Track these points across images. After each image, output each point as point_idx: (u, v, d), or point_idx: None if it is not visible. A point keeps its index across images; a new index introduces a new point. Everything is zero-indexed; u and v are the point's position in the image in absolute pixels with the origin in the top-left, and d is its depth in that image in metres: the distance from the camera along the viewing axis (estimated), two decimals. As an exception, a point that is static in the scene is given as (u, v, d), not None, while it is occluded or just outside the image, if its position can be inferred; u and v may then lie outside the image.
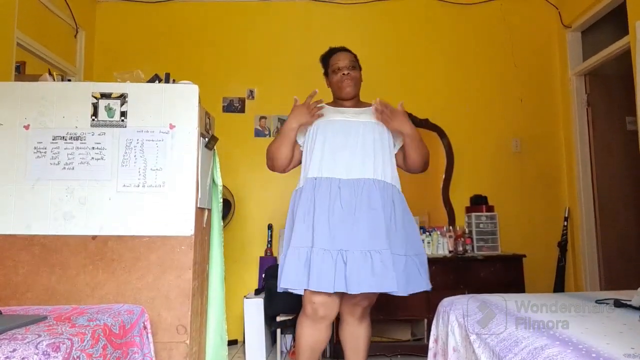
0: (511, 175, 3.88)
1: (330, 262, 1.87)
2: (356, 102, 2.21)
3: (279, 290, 1.99)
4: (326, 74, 2.24)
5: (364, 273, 1.86)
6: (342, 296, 2.00)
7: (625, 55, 3.15)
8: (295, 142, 2.14)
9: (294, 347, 2.13)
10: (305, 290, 1.92)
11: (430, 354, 1.95)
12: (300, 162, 2.18)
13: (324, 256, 1.87)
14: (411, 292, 1.95)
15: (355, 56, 2.22)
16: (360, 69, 2.21)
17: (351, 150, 2.02)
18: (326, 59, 2.23)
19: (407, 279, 1.94)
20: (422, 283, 1.99)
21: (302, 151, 2.16)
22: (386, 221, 1.96)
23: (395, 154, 2.17)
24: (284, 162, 2.13)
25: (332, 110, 2.16)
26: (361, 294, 1.90)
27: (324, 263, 1.86)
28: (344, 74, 2.14)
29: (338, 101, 2.21)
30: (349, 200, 1.95)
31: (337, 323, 2.25)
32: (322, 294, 1.92)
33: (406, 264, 1.96)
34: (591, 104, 3.79)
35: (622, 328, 1.32)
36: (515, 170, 3.89)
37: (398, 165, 2.19)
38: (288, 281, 1.90)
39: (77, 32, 3.67)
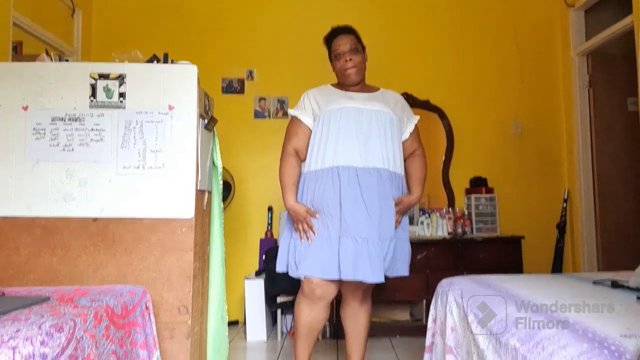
0: (511, 157, 3.88)
1: (359, 250, 1.90)
2: (362, 85, 2.19)
3: (277, 270, 2.04)
4: (330, 57, 2.20)
5: (382, 260, 1.94)
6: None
7: (629, 35, 3.11)
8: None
9: (293, 326, 2.17)
10: None
11: (429, 333, 1.97)
12: None
13: (353, 245, 1.91)
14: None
15: (357, 37, 2.17)
16: (363, 49, 2.17)
17: (365, 139, 2.01)
18: (329, 42, 2.19)
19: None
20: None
21: (310, 133, 2.11)
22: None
23: None
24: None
25: (340, 94, 2.12)
26: None
27: (353, 252, 1.90)
28: (346, 60, 2.10)
29: (344, 85, 2.18)
30: (366, 189, 1.96)
31: (337, 304, 2.28)
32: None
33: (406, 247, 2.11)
34: (592, 85, 3.76)
35: (619, 309, 1.34)
36: (515, 152, 3.89)
37: None
38: (321, 271, 1.93)
39: (74, 11, 3.62)
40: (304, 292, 2.03)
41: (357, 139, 2.00)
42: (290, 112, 2.17)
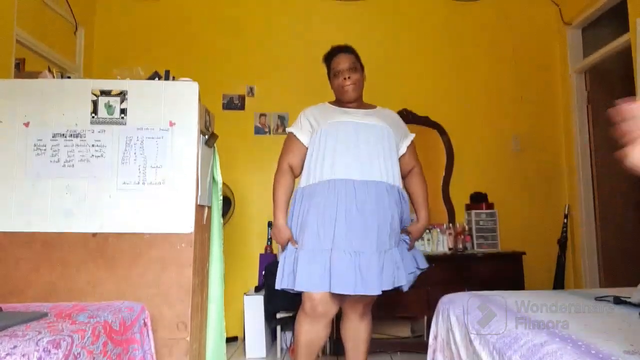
0: (511, 172, 3.88)
1: (350, 264, 1.88)
2: (359, 103, 2.21)
3: (277, 287, 2.01)
4: (329, 75, 2.23)
5: (379, 272, 1.91)
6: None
7: (626, 52, 3.14)
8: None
9: (293, 343, 2.14)
10: None
11: (430, 350, 1.96)
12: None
13: (344, 258, 1.89)
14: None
15: (356, 56, 2.20)
16: (362, 68, 2.20)
17: (361, 152, 2.02)
18: (328, 61, 2.21)
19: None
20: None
21: (306, 150, 2.14)
22: (392, 221, 2.02)
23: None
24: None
25: (337, 110, 2.15)
26: None
27: (344, 265, 1.88)
28: (344, 78, 2.13)
29: (341, 102, 2.20)
30: (363, 202, 1.96)
31: (337, 320, 2.27)
32: (322, 292, 1.92)
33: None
34: (591, 101, 3.78)
35: (622, 325, 1.33)
36: (515, 167, 3.89)
37: None
38: (311, 284, 1.91)
39: (76, 28, 3.66)
40: (305, 309, 2.01)
41: (354, 152, 2.01)
42: (288, 129, 2.21)
